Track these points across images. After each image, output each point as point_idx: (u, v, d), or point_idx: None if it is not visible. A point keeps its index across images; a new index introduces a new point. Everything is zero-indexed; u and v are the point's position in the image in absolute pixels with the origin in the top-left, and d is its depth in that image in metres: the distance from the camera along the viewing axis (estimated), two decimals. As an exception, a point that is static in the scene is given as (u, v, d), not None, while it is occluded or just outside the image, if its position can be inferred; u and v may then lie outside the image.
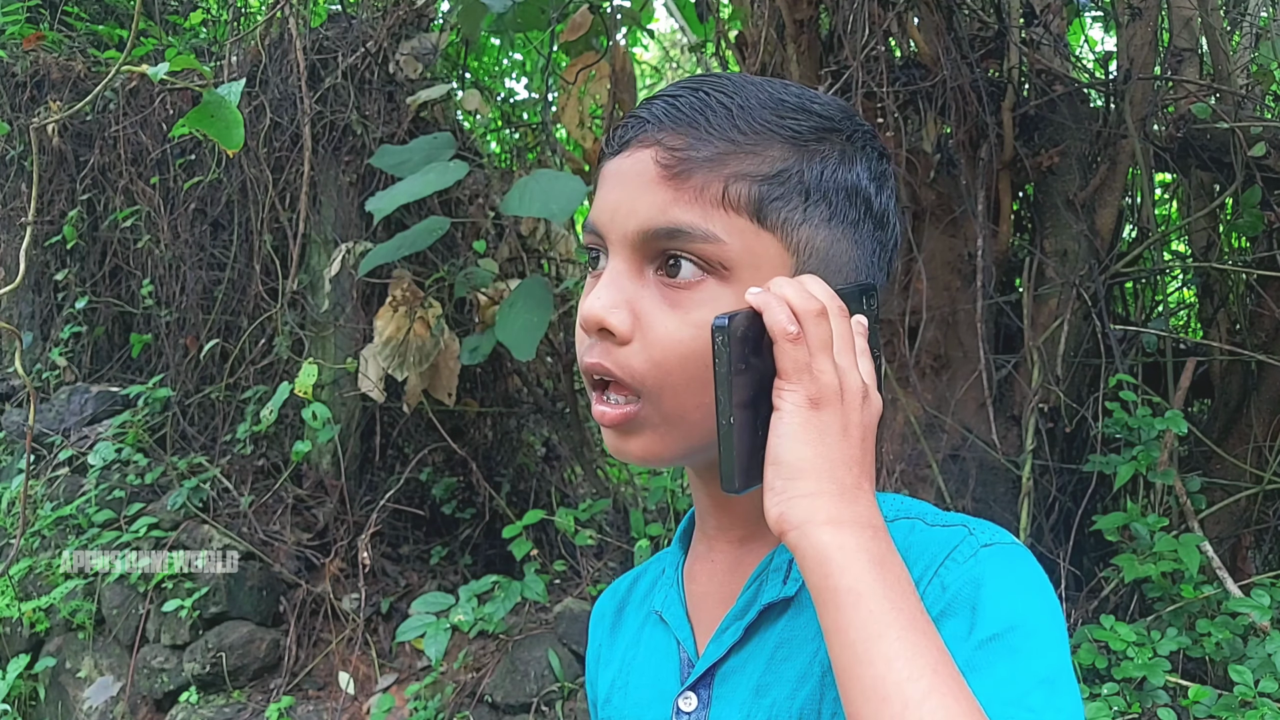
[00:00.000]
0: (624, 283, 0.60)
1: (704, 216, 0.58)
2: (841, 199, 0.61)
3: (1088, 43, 3.16)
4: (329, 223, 3.17)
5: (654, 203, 0.58)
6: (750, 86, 0.60)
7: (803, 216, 0.59)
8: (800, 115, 0.60)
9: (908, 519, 0.64)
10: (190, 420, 3.46)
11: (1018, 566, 0.58)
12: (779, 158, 0.59)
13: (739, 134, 0.58)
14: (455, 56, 3.48)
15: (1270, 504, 2.34)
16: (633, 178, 0.60)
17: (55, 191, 3.77)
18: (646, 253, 0.59)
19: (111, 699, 2.86)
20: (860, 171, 0.62)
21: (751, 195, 0.58)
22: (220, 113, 1.40)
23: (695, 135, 0.58)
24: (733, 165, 0.58)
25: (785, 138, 0.59)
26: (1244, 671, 1.79)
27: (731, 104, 0.59)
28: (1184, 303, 2.93)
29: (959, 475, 2.30)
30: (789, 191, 0.59)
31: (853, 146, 0.62)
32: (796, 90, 0.62)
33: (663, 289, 0.59)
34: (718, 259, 0.58)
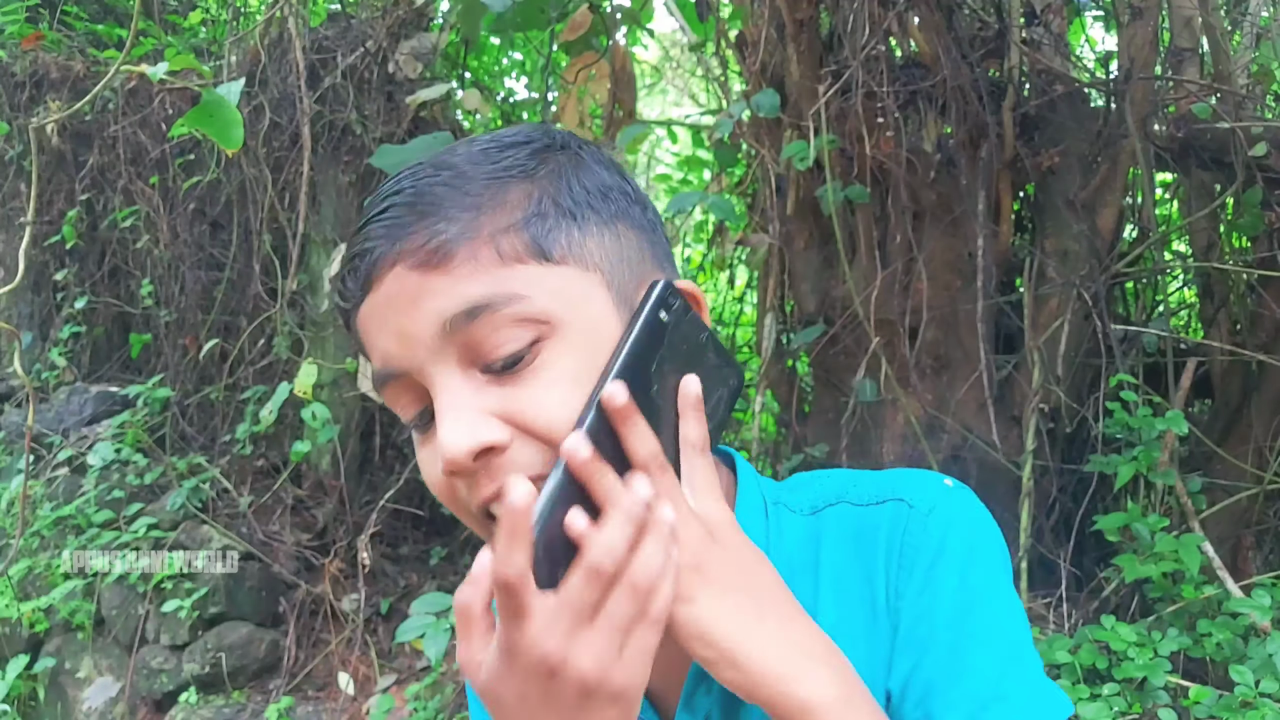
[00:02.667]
0: (463, 399, 0.53)
1: (493, 280, 0.53)
2: (599, 199, 0.58)
3: (1088, 42, 3.16)
4: (328, 222, 3.17)
5: (435, 296, 0.53)
6: (448, 157, 0.57)
7: (581, 233, 0.56)
8: (510, 151, 0.57)
9: (834, 505, 0.62)
10: (189, 420, 3.46)
11: (965, 536, 0.59)
12: (524, 195, 0.55)
13: (469, 198, 0.54)
14: (455, 56, 3.48)
15: (1271, 504, 2.34)
16: (396, 296, 0.54)
17: (54, 191, 3.77)
18: (461, 355, 0.53)
19: (111, 699, 2.85)
20: (596, 168, 0.59)
21: (524, 241, 0.54)
22: (219, 112, 1.40)
23: (430, 224, 0.53)
24: (488, 224, 0.54)
25: (516, 176, 0.56)
26: (1244, 672, 1.79)
27: (442, 179, 0.55)
28: (1185, 303, 2.93)
29: (959, 475, 2.28)
30: (554, 220, 0.55)
31: (570, 152, 0.59)
32: (486, 137, 0.58)
33: (504, 379, 0.53)
34: (533, 317, 0.53)
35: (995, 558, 0.60)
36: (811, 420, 2.64)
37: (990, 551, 0.60)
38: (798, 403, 2.65)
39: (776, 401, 2.76)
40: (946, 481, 0.62)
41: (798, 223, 2.52)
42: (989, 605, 0.58)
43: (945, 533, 0.58)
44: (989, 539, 0.60)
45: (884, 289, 2.31)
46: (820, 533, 0.62)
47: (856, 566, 0.60)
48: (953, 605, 0.57)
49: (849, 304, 2.36)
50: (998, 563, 0.59)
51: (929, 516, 0.59)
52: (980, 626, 0.57)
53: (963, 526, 0.59)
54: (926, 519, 0.58)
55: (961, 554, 0.58)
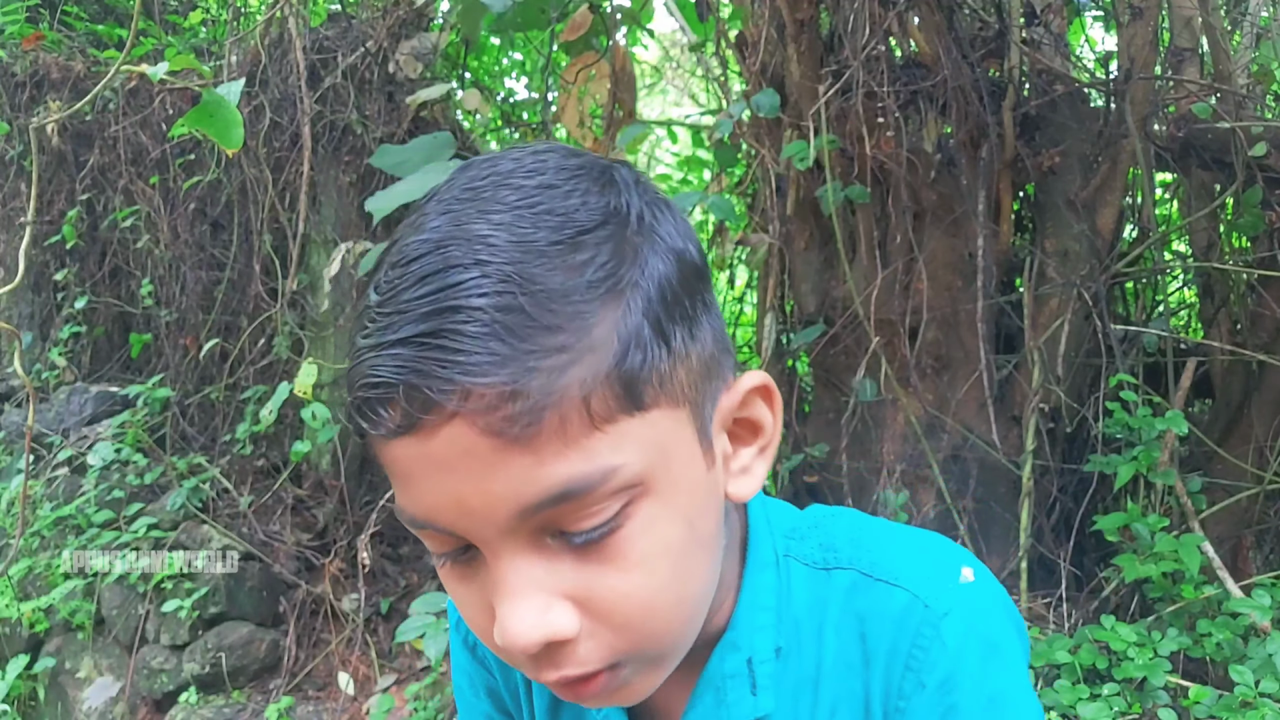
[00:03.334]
0: (535, 577, 0.45)
1: (585, 457, 0.42)
2: (685, 297, 0.47)
3: (1088, 42, 3.16)
4: (329, 222, 3.17)
5: (512, 477, 0.42)
6: (517, 254, 0.42)
7: (671, 360, 0.45)
8: (589, 247, 0.43)
9: (844, 569, 0.56)
10: (190, 420, 3.46)
11: (984, 646, 0.53)
12: (612, 324, 0.43)
13: (554, 334, 0.41)
14: (455, 56, 3.48)
15: (1271, 504, 2.34)
16: (458, 461, 0.42)
17: (55, 191, 3.77)
18: (536, 530, 0.44)
19: (111, 699, 2.85)
20: (674, 244, 0.47)
21: (616, 394, 0.43)
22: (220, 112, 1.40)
23: (509, 374, 0.40)
24: (577, 375, 0.42)
25: (601, 291, 0.43)
26: (1244, 672, 1.79)
27: (516, 297, 0.41)
28: (1185, 303, 2.93)
29: (960, 475, 2.30)
30: (645, 350, 0.44)
31: (645, 225, 0.46)
32: (552, 205, 0.44)
33: (582, 554, 0.45)
34: (628, 485, 0.44)
35: (1014, 669, 0.54)
36: (811, 420, 2.64)
37: (1009, 663, 0.54)
38: (798, 403, 2.65)
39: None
40: (966, 573, 0.55)
41: (798, 223, 2.52)
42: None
43: (961, 648, 0.53)
44: (1008, 649, 0.54)
45: (884, 289, 2.31)
46: (828, 596, 0.56)
47: (858, 648, 0.55)
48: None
49: (849, 304, 2.36)
50: (1016, 675, 0.54)
51: (943, 621, 0.53)
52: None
53: (978, 643, 0.53)
54: (939, 624, 0.53)
55: (977, 677, 0.53)
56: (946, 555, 0.56)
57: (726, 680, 0.55)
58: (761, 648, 0.55)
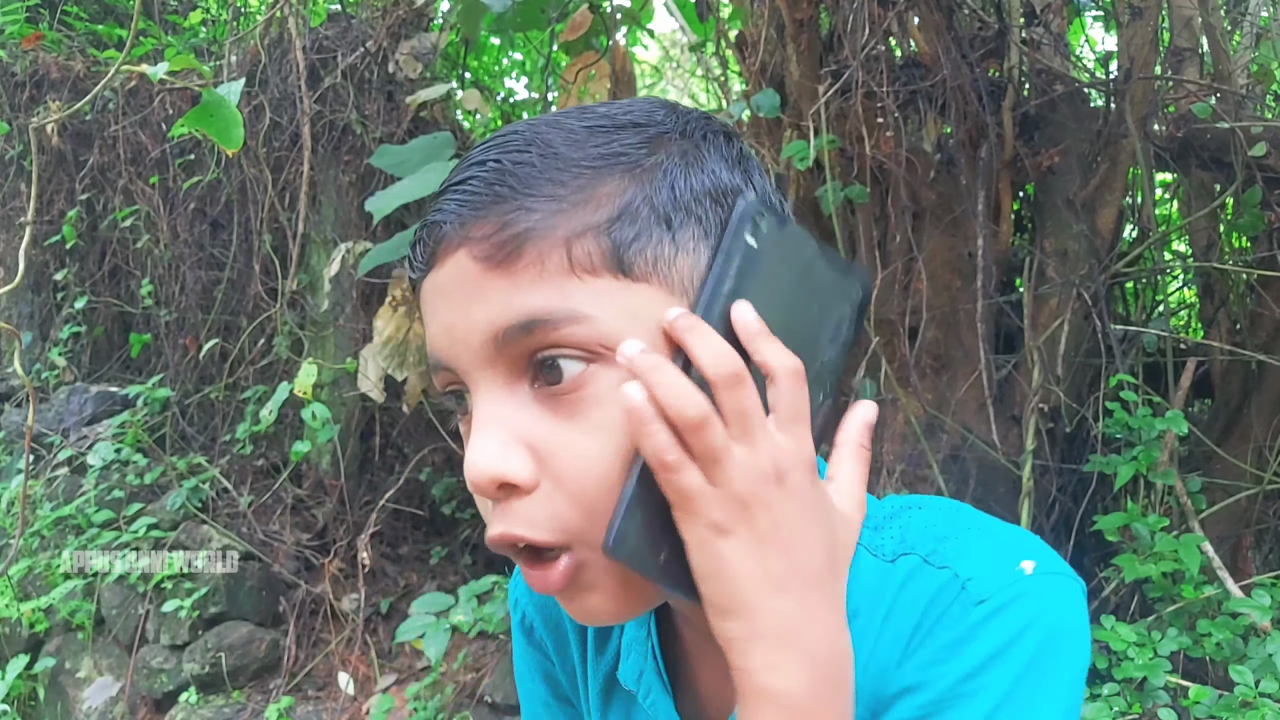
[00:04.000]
0: (502, 415, 0.47)
1: (559, 293, 0.46)
2: (709, 206, 0.49)
3: (1088, 42, 3.16)
4: (328, 222, 3.18)
5: (491, 301, 0.47)
6: (547, 129, 0.49)
7: (674, 247, 0.48)
8: (617, 133, 0.49)
9: (909, 555, 0.54)
10: (189, 420, 3.46)
11: (1008, 637, 0.49)
12: (616, 192, 0.47)
13: (555, 186, 0.47)
14: (455, 56, 3.48)
15: (1271, 504, 2.34)
16: (455, 287, 0.48)
17: (54, 191, 3.77)
18: (510, 366, 0.47)
19: (111, 699, 2.85)
20: (715, 166, 0.50)
21: (603, 248, 0.46)
22: (219, 112, 1.40)
23: (503, 211, 0.47)
24: (565, 223, 0.46)
25: (611, 167, 0.48)
26: (1244, 672, 1.79)
27: (532, 156, 0.48)
28: (1184, 303, 2.93)
29: (959, 475, 2.30)
30: (645, 226, 0.47)
31: (693, 141, 0.51)
32: (602, 109, 0.51)
33: (548, 401, 0.47)
34: (595, 340, 0.46)
35: (1049, 685, 0.49)
36: (811, 420, 2.64)
37: (1045, 674, 0.49)
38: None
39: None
40: (1026, 565, 0.51)
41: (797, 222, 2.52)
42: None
43: (990, 637, 0.49)
44: (1052, 656, 0.49)
45: (884, 288, 2.31)
46: (895, 583, 0.54)
47: (909, 635, 0.52)
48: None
49: (849, 304, 2.36)
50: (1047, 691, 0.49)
51: (977, 606, 0.50)
52: None
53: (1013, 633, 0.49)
54: (972, 608, 0.50)
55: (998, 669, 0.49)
56: (1016, 547, 0.53)
57: None
58: None
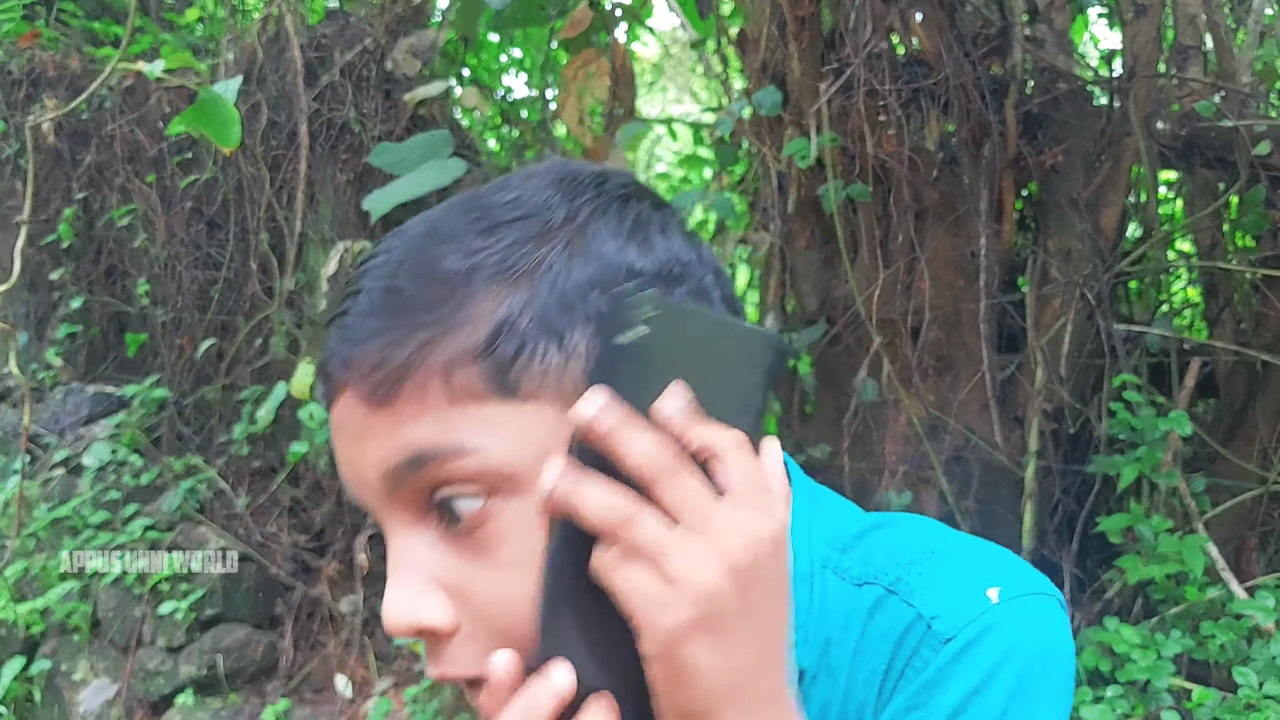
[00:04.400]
0: (414, 558, 0.45)
1: (440, 427, 0.43)
2: (597, 298, 0.45)
3: (1091, 40, 3.15)
4: (326, 221, 3.16)
5: (378, 440, 0.45)
6: (422, 241, 0.46)
7: (563, 355, 0.44)
8: (495, 234, 0.45)
9: (874, 585, 0.53)
10: (186, 421, 3.45)
11: (979, 673, 0.48)
12: (493, 307, 0.44)
13: (427, 312, 0.44)
14: (453, 53, 3.46)
15: (1276, 505, 2.33)
16: (346, 426, 0.46)
17: (51, 190, 3.75)
18: (411, 505, 0.45)
19: (107, 701, 2.84)
20: (603, 247, 0.46)
21: (484, 372, 0.43)
22: (217, 111, 1.39)
23: (380, 345, 0.44)
24: (442, 351, 0.44)
25: (490, 278, 0.44)
26: (1248, 674, 1.79)
27: (402, 280, 0.45)
28: (1188, 302, 2.92)
29: (962, 476, 2.29)
30: (528, 338, 0.44)
31: (575, 225, 0.46)
32: (488, 199, 0.47)
33: (455, 542, 0.45)
34: (488, 472, 0.43)
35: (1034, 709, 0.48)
36: (813, 420, 2.64)
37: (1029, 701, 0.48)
38: (799, 403, 2.64)
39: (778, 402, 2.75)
40: (991, 594, 0.49)
41: (799, 221, 2.51)
42: None
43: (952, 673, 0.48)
44: (1032, 683, 0.48)
45: (886, 288, 2.30)
46: (863, 610, 0.53)
47: (885, 668, 0.51)
48: None
49: (851, 303, 2.35)
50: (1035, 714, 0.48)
51: (943, 646, 0.49)
52: None
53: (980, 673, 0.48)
54: (939, 648, 0.49)
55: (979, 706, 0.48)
56: (979, 572, 0.51)
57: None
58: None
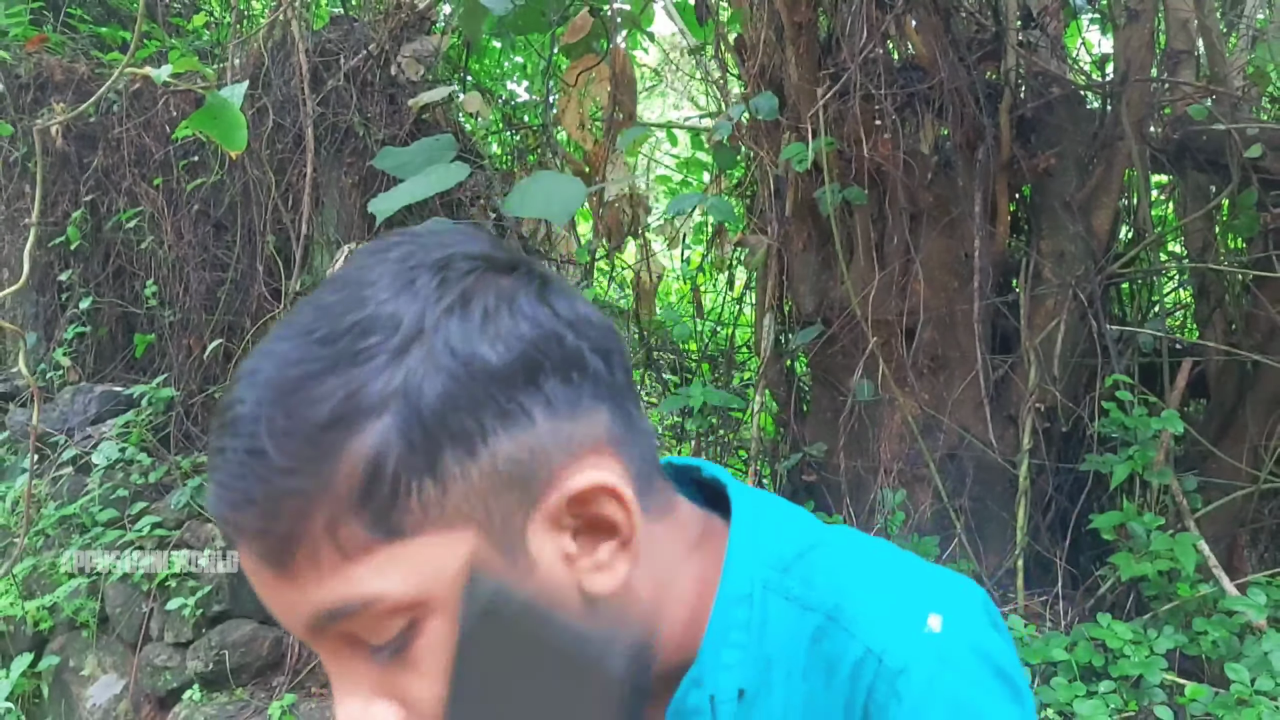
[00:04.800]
0: (355, 677, 0.47)
1: (343, 584, 0.44)
2: (463, 415, 0.44)
3: (1084, 45, 3.17)
4: (331, 224, 3.19)
5: (289, 600, 0.46)
6: (270, 395, 0.44)
7: (438, 484, 0.44)
8: (340, 374, 0.43)
9: (814, 611, 0.53)
10: (194, 420, 3.48)
11: (943, 696, 0.49)
12: (356, 456, 0.43)
13: (292, 476, 0.43)
14: (456, 59, 3.50)
15: (1266, 503, 2.35)
16: (255, 577, 0.47)
17: (59, 193, 3.79)
18: (337, 641, 0.47)
19: (115, 697, 2.87)
20: (457, 355, 0.45)
21: (365, 523, 0.44)
22: (223, 115, 1.42)
23: (258, 513, 0.44)
24: (319, 513, 0.43)
25: (345, 426, 0.43)
26: (1240, 670, 1.80)
27: (262, 441, 0.43)
28: (1180, 303, 2.94)
29: (956, 475, 2.31)
30: (399, 478, 0.44)
31: (423, 334, 0.44)
32: (332, 317, 0.45)
33: (388, 662, 0.47)
34: (400, 608, 0.45)
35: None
36: (810, 420, 2.66)
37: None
38: (796, 402, 2.67)
39: (775, 401, 2.77)
40: (933, 621, 0.51)
41: (796, 224, 2.53)
42: None
43: (921, 708, 0.49)
44: (983, 706, 0.50)
45: (881, 290, 2.33)
46: (805, 635, 0.53)
47: (825, 696, 0.52)
48: None
49: (847, 304, 2.38)
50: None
51: (899, 678, 0.49)
52: None
53: (942, 702, 0.49)
54: (895, 681, 0.49)
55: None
56: (916, 598, 0.52)
57: (689, 717, 0.54)
58: (725, 687, 0.53)
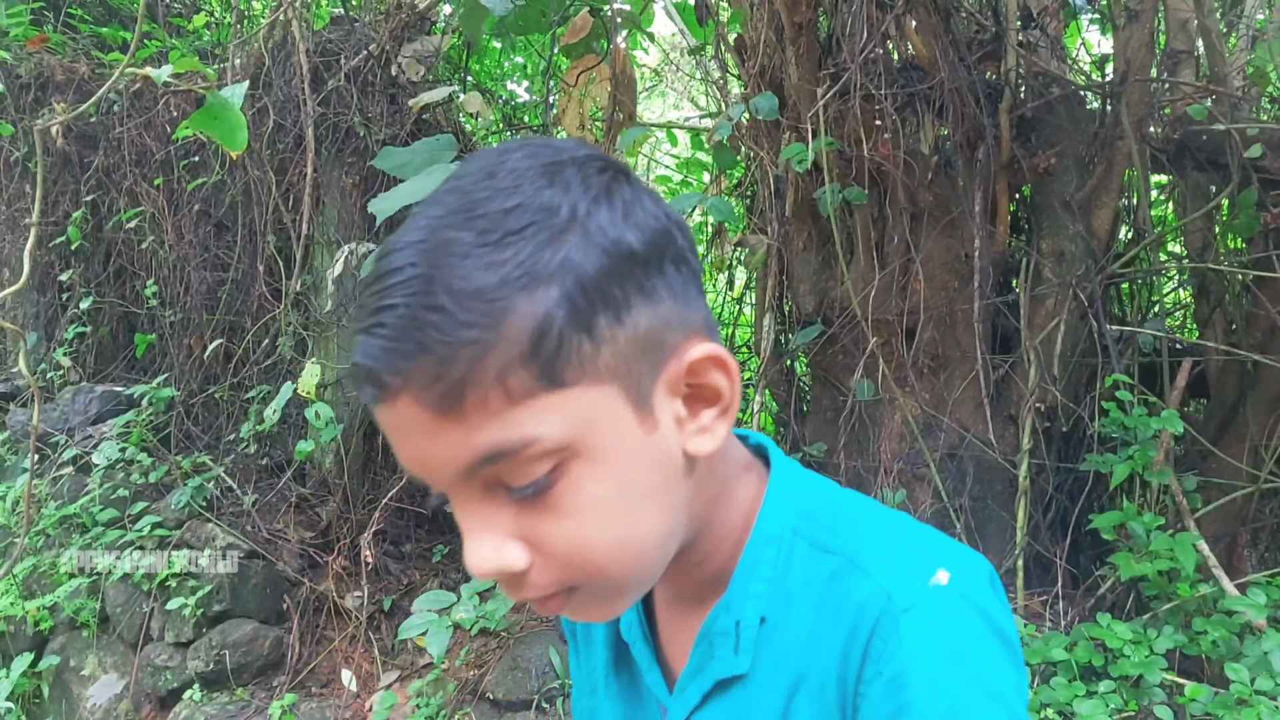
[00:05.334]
0: (488, 519, 0.53)
1: (507, 427, 0.50)
2: (613, 288, 0.51)
3: (1084, 45, 3.17)
4: (332, 224, 3.20)
5: (449, 443, 0.51)
6: (443, 259, 0.49)
7: (593, 343, 0.51)
8: (512, 247, 0.49)
9: (835, 555, 0.59)
10: (194, 420, 3.48)
11: (940, 639, 0.54)
12: (527, 315, 0.49)
13: (472, 330, 0.49)
14: (457, 59, 3.50)
15: (1266, 503, 2.36)
16: (410, 427, 0.51)
17: (60, 193, 3.79)
18: (483, 484, 0.53)
19: (115, 696, 2.87)
20: (604, 238, 0.51)
21: (532, 374, 0.50)
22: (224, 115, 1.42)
23: (434, 361, 0.49)
24: (493, 363, 0.49)
25: (518, 289, 0.49)
26: (1240, 669, 1.81)
27: (441, 299, 0.49)
28: (1180, 303, 2.94)
29: (956, 474, 2.31)
30: (563, 336, 0.50)
31: (579, 219, 0.51)
32: (491, 206, 0.50)
33: (528, 504, 0.53)
34: (551, 451, 0.51)
35: (981, 682, 0.53)
36: (810, 419, 2.66)
37: (974, 675, 0.53)
38: (796, 402, 2.67)
39: (775, 401, 2.77)
40: (941, 575, 0.56)
41: (796, 224, 2.54)
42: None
43: (917, 648, 0.53)
44: (975, 660, 0.54)
45: (882, 289, 2.33)
46: (824, 574, 0.59)
47: (833, 630, 0.57)
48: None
49: (847, 304, 2.38)
50: (984, 688, 0.53)
51: (903, 617, 0.54)
52: None
53: (937, 647, 0.54)
54: (899, 619, 0.54)
55: (933, 681, 0.53)
56: (928, 553, 0.57)
57: (717, 637, 0.61)
58: (749, 614, 0.61)
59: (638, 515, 0.54)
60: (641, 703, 0.70)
